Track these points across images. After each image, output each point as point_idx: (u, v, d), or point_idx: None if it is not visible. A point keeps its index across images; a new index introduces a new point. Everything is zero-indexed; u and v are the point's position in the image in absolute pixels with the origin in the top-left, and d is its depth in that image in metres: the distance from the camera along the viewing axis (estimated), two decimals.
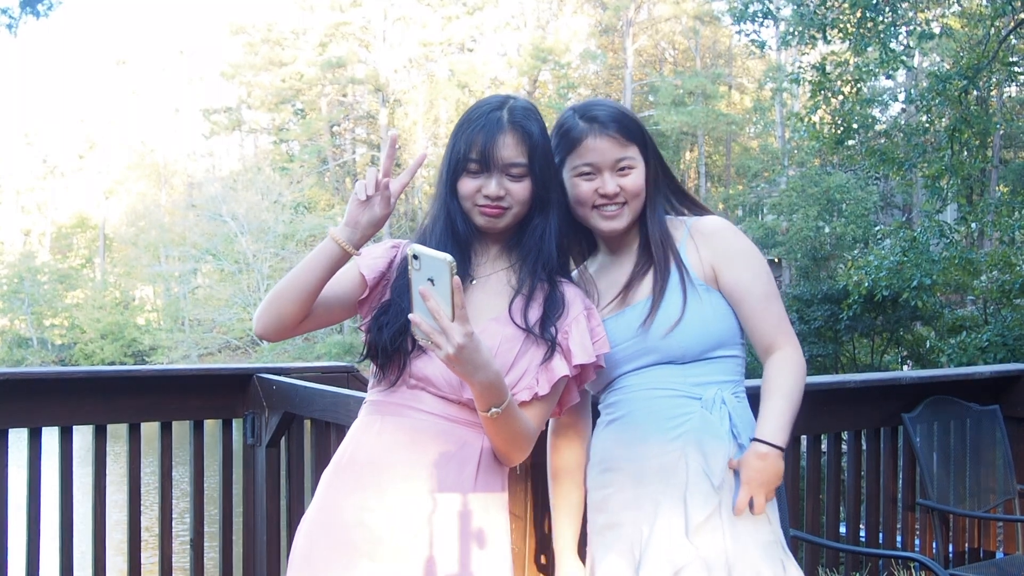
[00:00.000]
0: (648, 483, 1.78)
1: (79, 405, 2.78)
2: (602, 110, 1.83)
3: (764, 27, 13.31)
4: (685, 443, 1.76)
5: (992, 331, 9.92)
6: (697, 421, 1.77)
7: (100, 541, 2.78)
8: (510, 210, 1.74)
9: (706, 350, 1.80)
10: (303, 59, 34.98)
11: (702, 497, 1.73)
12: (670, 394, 1.80)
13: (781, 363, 1.80)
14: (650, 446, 1.78)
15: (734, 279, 1.81)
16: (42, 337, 34.91)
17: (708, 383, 1.80)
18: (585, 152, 1.81)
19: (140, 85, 38.55)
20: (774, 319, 1.81)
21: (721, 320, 1.81)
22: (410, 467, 1.70)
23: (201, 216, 30.80)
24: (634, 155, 1.83)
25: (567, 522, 1.92)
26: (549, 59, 32.74)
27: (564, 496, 1.93)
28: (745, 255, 1.83)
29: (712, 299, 1.81)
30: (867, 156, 11.69)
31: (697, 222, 1.88)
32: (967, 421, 3.34)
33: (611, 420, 1.86)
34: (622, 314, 1.84)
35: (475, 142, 1.72)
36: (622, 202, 1.83)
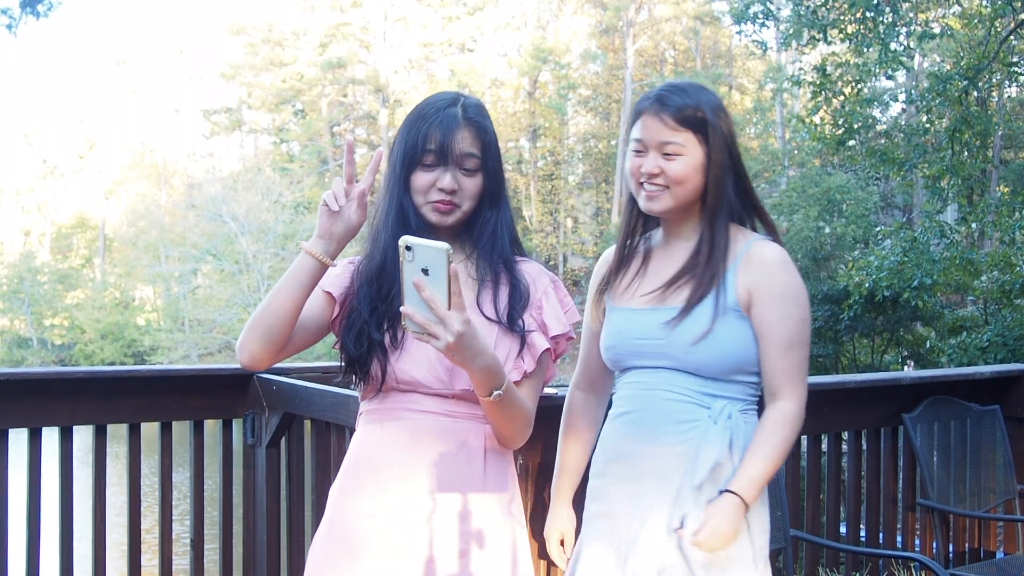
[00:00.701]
0: (645, 481, 1.81)
1: (79, 405, 2.77)
2: (671, 92, 1.82)
3: (765, 27, 13.29)
4: (687, 448, 1.79)
5: (992, 331, 9.92)
6: (702, 429, 1.79)
7: (100, 541, 2.78)
8: (460, 207, 1.75)
9: (724, 371, 1.80)
10: (303, 59, 35.00)
11: (684, 497, 1.77)
12: (681, 399, 1.81)
13: (779, 416, 1.80)
14: (654, 446, 1.81)
15: (763, 316, 1.80)
16: (42, 337, 34.91)
17: (719, 396, 1.81)
18: (640, 127, 1.83)
19: (140, 85, 38.55)
20: (788, 368, 1.80)
21: (744, 348, 1.80)
22: (413, 467, 1.70)
23: (201, 216, 30.80)
24: (685, 142, 1.79)
25: (567, 475, 2.01)
26: (549, 59, 32.73)
27: (570, 450, 2.01)
28: (783, 297, 1.80)
29: (742, 326, 1.80)
30: (868, 156, 11.69)
31: (755, 245, 1.84)
32: (967, 421, 3.34)
33: (621, 413, 1.88)
34: (656, 310, 1.84)
35: (432, 136, 1.72)
36: (663, 185, 1.81)
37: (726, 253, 1.82)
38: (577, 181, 34.53)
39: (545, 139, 33.98)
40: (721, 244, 1.82)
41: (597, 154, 34.40)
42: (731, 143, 1.84)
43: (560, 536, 2.00)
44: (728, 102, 33.32)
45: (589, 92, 34.24)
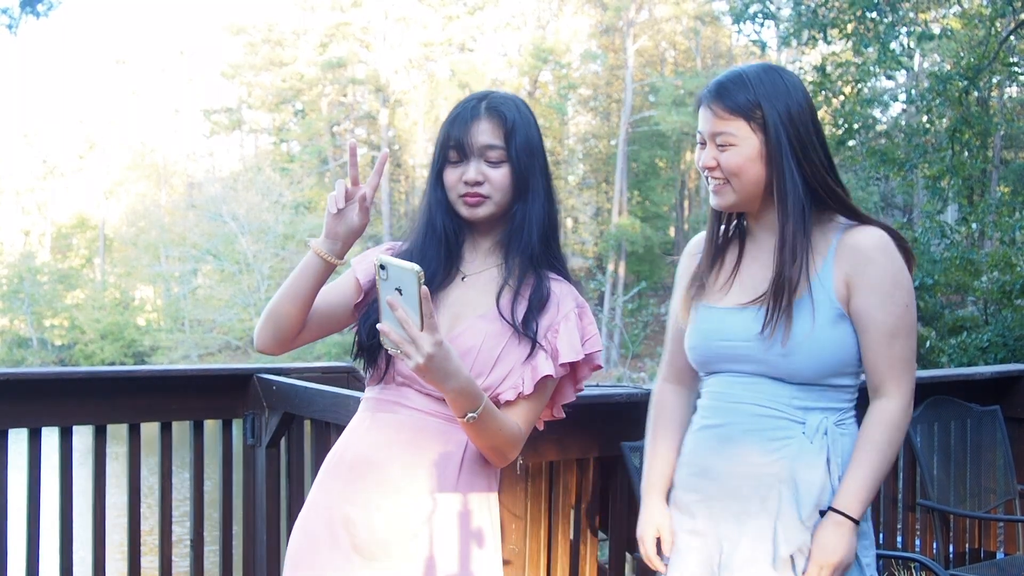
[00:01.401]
0: (738, 501, 1.71)
1: (79, 405, 2.77)
2: (726, 79, 1.73)
3: (764, 27, 13.29)
4: (782, 468, 1.68)
5: (993, 332, 9.91)
6: (796, 448, 1.68)
7: (100, 541, 2.78)
8: (490, 198, 1.74)
9: (820, 376, 1.70)
10: (303, 59, 34.99)
11: (792, 529, 1.67)
12: (774, 414, 1.71)
13: (882, 417, 1.69)
14: (747, 465, 1.71)
15: (864, 306, 1.68)
16: (42, 337, 34.90)
17: (814, 408, 1.71)
18: (699, 119, 1.75)
19: (140, 85, 38.53)
20: (892, 360, 1.69)
21: (844, 348, 1.70)
22: (391, 465, 1.71)
23: (201, 216, 30.80)
24: (736, 131, 1.69)
25: (659, 467, 1.88)
26: (550, 59, 32.73)
27: (661, 445, 1.89)
28: (888, 283, 1.68)
29: (841, 325, 1.70)
30: (868, 156, 11.68)
31: (850, 233, 1.72)
32: (967, 421, 3.33)
33: (707, 426, 1.78)
34: (744, 311, 1.74)
35: (452, 132, 1.74)
36: (723, 178, 1.72)
37: (811, 245, 1.71)
38: (577, 181, 34.52)
39: (545, 139, 33.62)
40: (799, 237, 1.69)
41: (597, 154, 34.39)
42: (798, 126, 1.70)
43: (657, 533, 1.85)
44: None
45: (589, 92, 34.23)
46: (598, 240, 32.01)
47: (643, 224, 30.16)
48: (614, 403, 2.50)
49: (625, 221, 30.01)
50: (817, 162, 1.73)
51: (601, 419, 2.50)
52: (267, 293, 28.73)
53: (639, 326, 25.68)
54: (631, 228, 29.55)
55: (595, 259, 32.33)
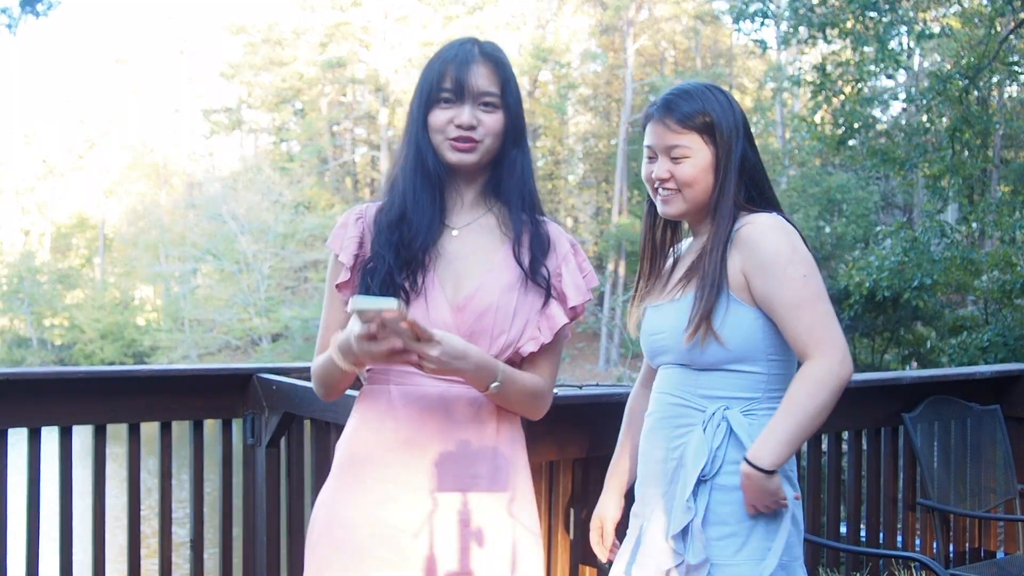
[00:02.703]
0: (654, 486, 1.88)
1: (79, 405, 2.77)
2: (675, 96, 1.85)
3: (765, 27, 13.28)
4: (682, 455, 1.82)
5: (993, 331, 9.91)
6: (695, 435, 1.81)
7: (99, 541, 2.77)
8: (482, 143, 1.71)
9: (719, 362, 1.80)
10: (303, 59, 34.99)
11: (681, 511, 1.79)
12: (680, 403, 1.85)
13: (800, 376, 1.75)
14: (660, 450, 1.87)
15: (763, 288, 1.77)
16: (42, 337, 34.90)
17: (715, 397, 1.82)
18: (648, 134, 1.87)
19: (140, 85, 38.51)
20: (805, 328, 1.74)
21: (744, 336, 1.78)
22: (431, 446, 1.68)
23: (201, 216, 30.80)
24: (690, 144, 1.82)
25: (620, 464, 2.06)
26: (549, 59, 32.72)
27: (627, 441, 2.07)
28: (776, 262, 1.76)
29: (742, 312, 1.79)
30: (868, 156, 11.68)
31: (741, 223, 1.83)
32: (968, 421, 3.33)
33: (647, 415, 1.95)
34: (673, 303, 1.87)
35: (447, 72, 1.70)
36: (675, 188, 1.85)
37: (723, 242, 1.82)
38: (577, 181, 34.51)
39: (545, 138, 33.96)
40: (721, 236, 1.82)
41: (597, 154, 34.38)
42: (742, 138, 1.85)
43: (600, 524, 2.04)
44: None
45: (589, 91, 34.21)
46: (598, 239, 32.01)
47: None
48: (614, 403, 2.49)
49: (625, 221, 30.00)
50: (757, 169, 1.87)
51: (601, 419, 2.49)
52: (267, 293, 28.74)
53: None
54: (631, 228, 29.53)
55: (595, 259, 32.33)
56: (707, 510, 1.78)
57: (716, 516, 1.78)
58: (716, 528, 1.78)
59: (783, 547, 1.78)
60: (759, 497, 1.75)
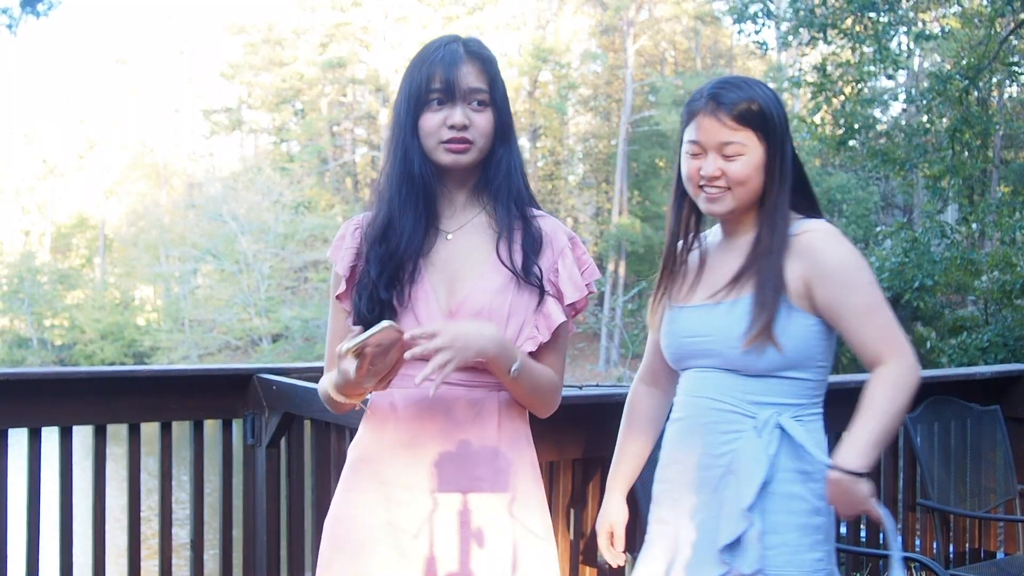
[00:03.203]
0: (693, 492, 1.79)
1: (79, 405, 2.77)
2: (727, 89, 1.76)
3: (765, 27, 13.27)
4: (730, 461, 1.75)
5: (993, 331, 9.91)
6: (745, 441, 1.74)
7: (100, 541, 2.78)
8: (475, 144, 1.69)
9: (773, 368, 1.74)
10: (303, 59, 34.99)
11: (733, 520, 1.71)
12: (726, 408, 1.77)
13: (876, 379, 1.72)
14: (700, 456, 1.78)
15: (829, 296, 1.73)
16: (42, 337, 34.90)
17: (766, 403, 1.76)
18: (696, 129, 1.76)
19: (140, 85, 38.51)
20: (874, 332, 1.73)
21: (801, 343, 1.74)
22: (427, 448, 1.68)
23: (201, 216, 30.80)
24: (745, 141, 1.74)
25: (624, 466, 1.99)
26: (549, 59, 32.72)
27: (631, 441, 2.00)
28: (842, 269, 1.73)
29: (798, 319, 1.74)
30: (868, 157, 11.68)
31: (798, 230, 1.78)
32: (968, 421, 3.33)
33: (676, 419, 1.87)
34: (708, 307, 1.80)
35: (435, 74, 1.67)
36: (725, 187, 1.76)
37: (783, 246, 1.76)
38: (577, 181, 34.51)
39: (545, 139, 33.97)
40: (780, 239, 1.76)
41: (597, 154, 34.38)
42: (789, 135, 1.79)
43: (610, 528, 1.98)
44: None
45: (589, 92, 34.21)
46: (598, 240, 32.01)
47: (643, 224, 30.15)
48: (614, 403, 2.49)
49: (625, 221, 30.01)
50: (802, 168, 1.82)
51: (601, 419, 2.49)
52: (267, 293, 28.74)
53: (639, 326, 25.65)
54: (631, 228, 29.55)
55: (595, 259, 32.30)
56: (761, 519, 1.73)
57: (769, 524, 1.73)
58: (769, 537, 1.72)
59: (831, 556, 1.77)
60: (848, 502, 1.68)
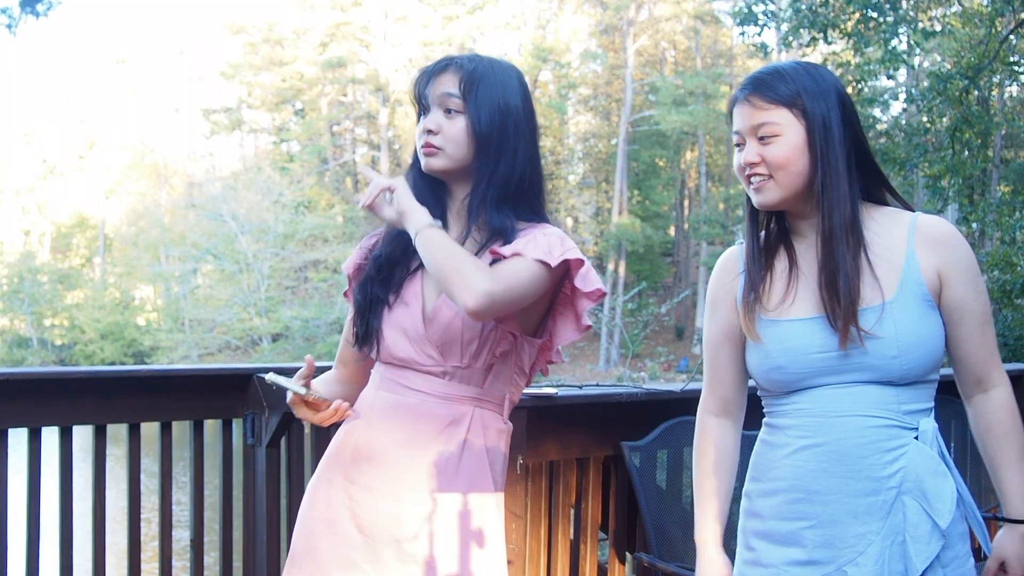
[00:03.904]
0: (856, 522, 1.58)
1: (79, 405, 2.77)
2: (761, 73, 1.64)
3: (767, 28, 13.27)
4: (903, 480, 1.57)
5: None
6: (914, 455, 1.58)
7: (100, 541, 2.77)
8: (443, 150, 1.70)
9: (925, 373, 1.60)
10: (303, 59, 35.02)
11: (924, 542, 1.56)
12: (884, 423, 1.58)
13: (1007, 412, 1.62)
14: (862, 481, 1.58)
15: (958, 296, 1.60)
16: (42, 337, 34.94)
17: (920, 411, 1.61)
18: (734, 119, 1.65)
19: (140, 85, 38.55)
20: (990, 348, 1.64)
21: (941, 340, 1.62)
22: (392, 463, 1.70)
23: (201, 216, 30.83)
24: (779, 120, 1.59)
25: (713, 514, 1.74)
26: (550, 59, 32.75)
27: (714, 488, 1.74)
28: (973, 271, 1.62)
29: (935, 316, 1.60)
30: None
31: (924, 222, 1.62)
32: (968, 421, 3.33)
33: (806, 446, 1.61)
34: (821, 318, 1.60)
35: (416, 86, 1.77)
36: (766, 174, 1.60)
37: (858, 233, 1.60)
38: (577, 180, 34.54)
39: (545, 138, 33.98)
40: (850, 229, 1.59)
41: (597, 153, 34.42)
42: (844, 115, 1.62)
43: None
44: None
45: (589, 91, 34.25)
46: (598, 240, 32.03)
47: (643, 224, 30.19)
48: (614, 403, 2.49)
49: (625, 221, 30.04)
50: (865, 148, 1.65)
51: (601, 419, 2.49)
52: (267, 293, 28.76)
53: (639, 326, 25.67)
54: (631, 228, 29.59)
55: (595, 259, 32.33)
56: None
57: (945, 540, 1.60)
58: (945, 553, 1.60)
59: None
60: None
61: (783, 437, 1.65)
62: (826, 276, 1.59)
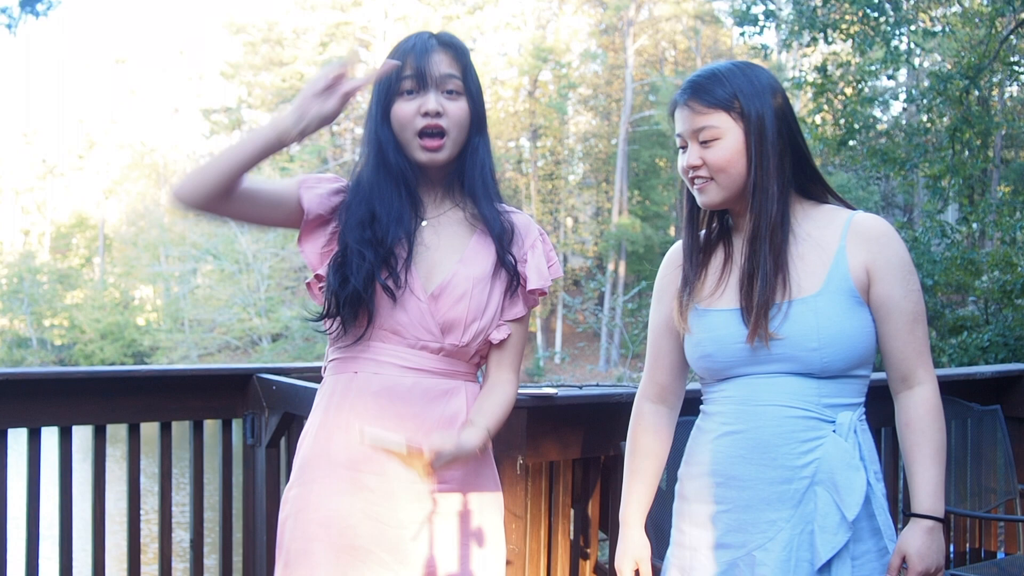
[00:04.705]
0: (769, 509, 1.64)
1: (78, 405, 2.77)
2: (698, 77, 1.68)
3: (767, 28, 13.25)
4: (816, 470, 1.62)
5: (993, 331, 9.89)
6: (830, 447, 1.62)
7: (99, 541, 2.77)
8: (449, 135, 1.68)
9: (848, 368, 1.64)
10: (303, 58, 35.02)
11: (831, 532, 1.60)
12: (802, 414, 1.63)
13: (928, 406, 1.66)
14: (777, 469, 1.63)
15: (887, 293, 1.64)
16: (42, 337, 34.91)
17: (841, 405, 1.65)
18: (676, 123, 1.70)
19: (140, 84, 38.57)
20: (919, 345, 1.65)
21: (869, 337, 1.64)
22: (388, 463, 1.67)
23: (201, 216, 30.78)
24: (718, 124, 1.64)
25: (640, 498, 1.83)
26: (549, 59, 32.72)
27: (642, 471, 1.83)
28: (904, 268, 1.65)
29: (862, 312, 1.64)
30: (868, 156, 11.66)
31: (859, 220, 1.67)
32: (968, 421, 3.33)
33: (730, 432, 1.68)
34: (775, 308, 1.64)
35: (407, 63, 1.67)
36: (707, 176, 1.66)
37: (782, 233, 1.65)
38: (577, 181, 34.52)
39: (545, 138, 33.97)
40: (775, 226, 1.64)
41: (597, 153, 34.39)
42: (780, 117, 1.66)
43: (635, 564, 1.82)
44: None
45: (589, 91, 34.22)
46: (598, 240, 32.01)
47: (643, 224, 30.16)
48: (614, 403, 2.49)
49: (625, 221, 30.01)
50: (801, 148, 1.70)
51: (601, 419, 2.49)
52: (266, 293, 28.74)
53: (639, 326, 25.62)
54: (631, 228, 29.56)
55: (595, 259, 32.34)
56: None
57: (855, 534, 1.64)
58: (855, 546, 1.64)
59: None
60: (938, 556, 1.61)
61: (710, 423, 1.72)
62: (745, 274, 1.66)
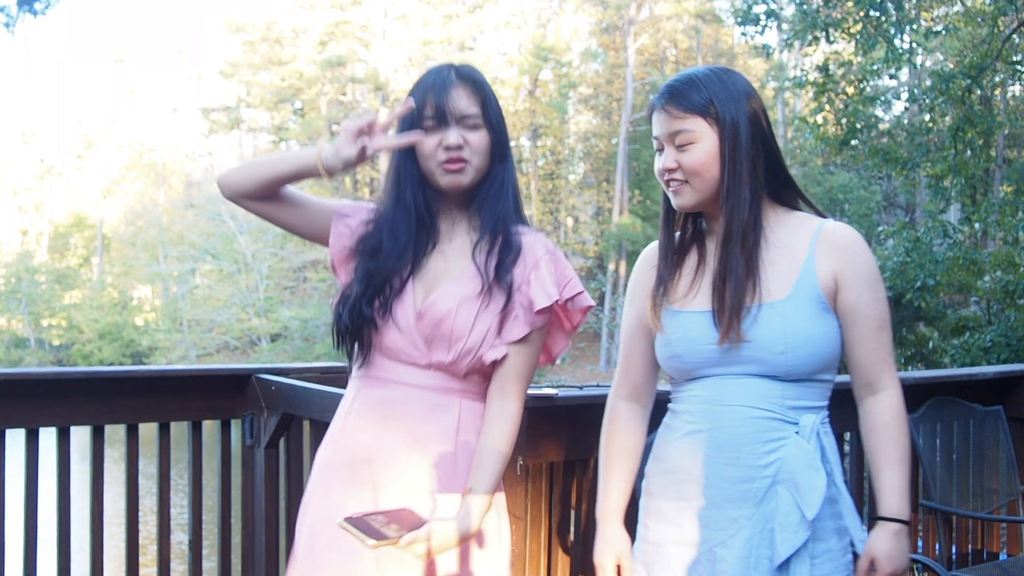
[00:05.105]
0: (731, 506, 1.67)
1: (77, 406, 2.76)
2: (675, 81, 1.73)
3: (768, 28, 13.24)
4: (778, 470, 1.65)
5: (995, 332, 9.88)
6: (792, 448, 1.65)
7: (98, 542, 2.76)
8: (470, 163, 1.73)
9: (812, 372, 1.68)
10: (302, 58, 35.01)
11: (791, 531, 1.63)
12: (766, 416, 1.66)
13: (893, 412, 1.70)
14: (739, 468, 1.66)
15: (854, 300, 1.67)
16: (40, 337, 34.90)
17: (804, 408, 1.68)
18: (653, 126, 1.75)
19: (138, 84, 38.58)
20: (883, 352, 1.70)
21: (833, 343, 1.69)
22: (391, 464, 1.71)
23: (200, 215, 30.82)
24: (694, 128, 1.68)
25: (617, 494, 1.85)
26: (550, 58, 32.73)
27: (618, 467, 1.86)
28: (872, 277, 1.69)
29: (828, 318, 1.68)
30: (870, 156, 11.65)
31: (829, 228, 1.71)
32: (970, 422, 3.32)
33: (695, 431, 1.71)
34: (744, 311, 1.68)
35: (427, 100, 1.73)
36: (682, 179, 1.71)
37: (754, 237, 1.68)
38: (578, 180, 34.53)
39: (546, 138, 33.99)
40: (746, 230, 1.68)
41: (598, 153, 34.40)
42: (754, 123, 1.70)
43: (617, 560, 1.82)
44: None
45: (590, 91, 34.23)
46: (599, 239, 32.02)
47: (644, 223, 30.14)
48: None
49: (626, 220, 30.01)
50: (774, 154, 1.74)
51: (602, 419, 2.47)
52: (265, 293, 28.74)
53: None
54: (632, 227, 29.55)
55: (596, 259, 32.34)
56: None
57: (815, 532, 1.67)
58: (815, 545, 1.67)
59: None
60: (905, 558, 1.63)
61: (678, 421, 1.76)
62: (718, 276, 1.70)
